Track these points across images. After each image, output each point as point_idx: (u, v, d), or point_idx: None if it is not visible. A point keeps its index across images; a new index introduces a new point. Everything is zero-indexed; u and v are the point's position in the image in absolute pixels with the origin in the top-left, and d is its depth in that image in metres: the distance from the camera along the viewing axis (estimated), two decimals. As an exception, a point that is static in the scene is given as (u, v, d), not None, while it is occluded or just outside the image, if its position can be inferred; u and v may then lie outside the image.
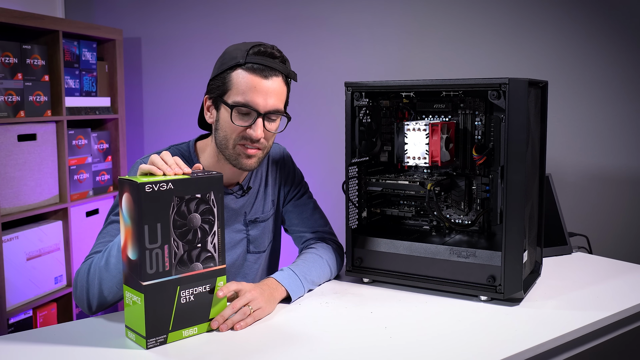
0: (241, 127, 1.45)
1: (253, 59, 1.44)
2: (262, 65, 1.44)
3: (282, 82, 1.48)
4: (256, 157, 1.50)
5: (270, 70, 1.45)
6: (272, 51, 1.47)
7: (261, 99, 1.44)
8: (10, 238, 2.31)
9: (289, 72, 1.50)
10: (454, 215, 1.68)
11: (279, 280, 1.45)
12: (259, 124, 1.45)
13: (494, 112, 1.59)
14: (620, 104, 2.39)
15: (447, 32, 2.62)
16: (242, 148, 1.47)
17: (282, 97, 1.49)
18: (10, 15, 2.29)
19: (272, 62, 1.45)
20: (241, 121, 1.46)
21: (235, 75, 1.45)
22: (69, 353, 1.19)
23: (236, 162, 1.49)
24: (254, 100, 1.44)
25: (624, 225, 2.41)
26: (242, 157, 1.48)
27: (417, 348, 1.22)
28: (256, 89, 1.43)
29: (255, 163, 1.50)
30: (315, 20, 2.83)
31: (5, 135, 2.30)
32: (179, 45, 3.07)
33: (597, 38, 2.39)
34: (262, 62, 1.44)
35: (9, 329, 2.31)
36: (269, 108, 1.45)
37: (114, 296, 1.35)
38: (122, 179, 1.20)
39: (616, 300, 1.49)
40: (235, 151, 1.48)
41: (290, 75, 1.50)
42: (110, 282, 1.32)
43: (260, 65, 1.44)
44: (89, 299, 1.35)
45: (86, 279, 1.35)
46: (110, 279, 1.32)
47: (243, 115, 1.46)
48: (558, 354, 1.30)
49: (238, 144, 1.47)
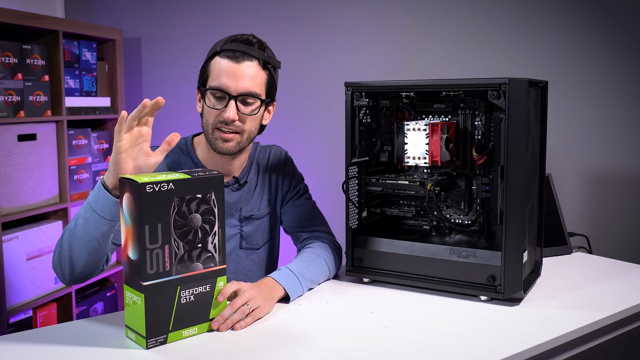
0: (216, 110, 1.52)
1: (228, 45, 1.52)
2: (237, 51, 1.50)
3: (258, 66, 1.52)
4: (233, 141, 1.54)
5: (244, 55, 1.51)
6: (248, 37, 1.54)
7: (232, 81, 1.50)
8: (10, 238, 2.31)
9: (267, 58, 1.54)
10: (454, 215, 1.68)
11: (276, 279, 1.45)
12: (231, 106, 1.50)
13: (494, 112, 1.59)
14: (620, 104, 2.39)
15: (447, 32, 2.62)
16: (219, 132, 1.53)
17: (257, 81, 1.53)
18: (10, 15, 2.29)
19: (246, 48, 1.51)
20: (216, 104, 1.52)
21: (212, 63, 1.53)
22: (69, 353, 1.19)
23: (215, 146, 1.55)
24: (226, 83, 1.50)
25: (624, 225, 2.41)
26: (219, 140, 1.54)
27: (417, 348, 1.22)
28: (227, 72, 1.50)
29: (232, 147, 1.54)
30: (315, 20, 2.83)
31: (5, 135, 2.30)
32: (179, 45, 3.07)
33: (597, 38, 2.39)
34: (236, 47, 1.51)
35: (9, 329, 2.31)
36: (241, 90, 1.50)
37: (85, 263, 1.36)
38: (123, 179, 1.20)
39: (616, 300, 1.49)
40: (213, 136, 1.54)
41: (269, 61, 1.54)
42: (79, 244, 1.34)
43: (235, 51, 1.50)
44: (61, 265, 1.38)
45: (59, 245, 1.38)
46: (78, 240, 1.34)
47: (218, 99, 1.52)
48: (558, 354, 1.30)
49: (216, 128, 1.53)
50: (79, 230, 1.34)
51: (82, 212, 1.34)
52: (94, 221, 1.32)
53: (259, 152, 1.72)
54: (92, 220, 1.32)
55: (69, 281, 1.41)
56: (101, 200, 1.30)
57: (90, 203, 1.32)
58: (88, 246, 1.34)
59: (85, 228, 1.33)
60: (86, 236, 1.33)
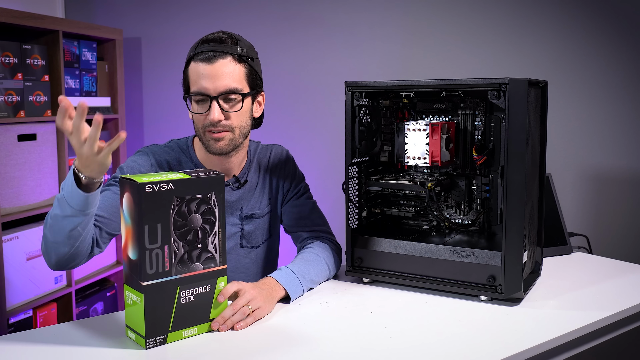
0: (202, 115, 1.53)
1: (200, 48, 1.52)
2: (209, 52, 1.50)
3: (233, 62, 1.52)
4: (225, 139, 1.54)
5: (216, 54, 1.50)
6: (218, 35, 1.53)
7: (210, 83, 1.50)
8: (10, 238, 2.31)
9: (242, 52, 1.53)
10: (454, 215, 1.68)
11: (277, 279, 1.45)
12: (214, 107, 1.51)
13: (494, 112, 1.59)
14: (620, 104, 2.39)
15: (447, 32, 2.62)
16: (210, 134, 1.54)
17: (235, 77, 1.52)
18: (10, 15, 2.29)
19: (218, 46, 1.51)
20: (200, 109, 1.53)
21: (190, 69, 1.54)
22: (69, 353, 1.19)
23: (209, 148, 1.56)
24: (204, 86, 1.50)
25: (624, 225, 2.41)
26: (211, 142, 1.54)
27: (417, 348, 1.22)
28: (204, 75, 1.50)
29: (225, 145, 1.55)
30: (315, 20, 2.83)
31: (5, 135, 2.30)
32: (179, 45, 3.05)
33: (597, 38, 2.39)
34: (207, 49, 1.51)
35: (9, 329, 2.31)
36: (220, 90, 1.50)
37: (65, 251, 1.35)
38: (123, 179, 1.20)
39: (616, 300, 1.49)
40: (206, 138, 1.55)
41: (243, 53, 1.54)
42: (57, 235, 1.33)
43: (207, 53, 1.50)
44: (48, 252, 1.38)
45: (44, 233, 1.38)
46: (56, 233, 1.33)
47: (201, 103, 1.53)
48: (558, 354, 1.30)
49: (206, 131, 1.54)
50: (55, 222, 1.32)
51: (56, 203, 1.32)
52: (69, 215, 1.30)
53: (259, 152, 1.72)
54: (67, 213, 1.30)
55: (53, 268, 1.41)
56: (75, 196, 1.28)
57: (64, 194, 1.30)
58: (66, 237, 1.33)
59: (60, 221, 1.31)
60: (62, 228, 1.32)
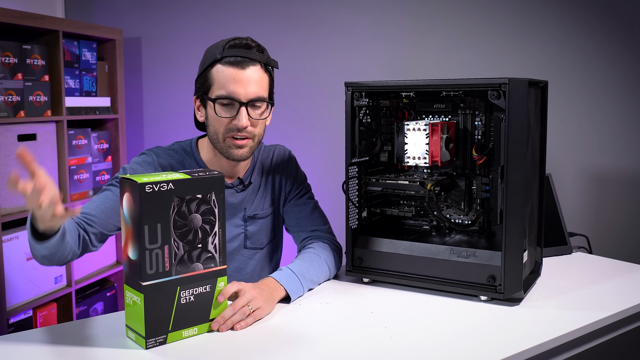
0: (227, 119, 1.51)
1: (229, 52, 1.50)
2: (239, 57, 1.50)
3: (261, 70, 1.53)
4: (247, 146, 1.54)
5: (247, 60, 1.50)
6: (247, 42, 1.53)
7: (241, 88, 1.49)
8: (10, 238, 2.31)
9: (267, 60, 1.54)
10: (454, 215, 1.68)
11: (277, 279, 1.45)
12: (243, 113, 1.50)
13: (494, 112, 1.59)
14: (621, 103, 2.39)
15: (447, 32, 2.62)
16: (231, 140, 1.53)
17: (263, 85, 1.53)
18: (10, 15, 2.29)
19: (248, 53, 1.51)
20: (226, 113, 1.51)
21: (215, 71, 1.51)
22: (69, 353, 1.19)
23: (228, 154, 1.54)
24: (235, 91, 1.49)
25: (624, 225, 2.41)
26: (233, 148, 1.53)
27: (417, 348, 1.22)
28: (235, 80, 1.49)
29: (246, 152, 1.55)
30: (315, 20, 2.83)
31: (5, 135, 2.30)
32: (179, 45, 3.07)
33: (597, 38, 2.39)
34: (237, 54, 1.50)
35: (9, 329, 2.31)
36: (250, 96, 1.50)
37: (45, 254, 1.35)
38: (123, 179, 1.20)
39: (616, 300, 1.49)
40: (225, 144, 1.53)
41: (269, 63, 1.55)
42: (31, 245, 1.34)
43: (237, 57, 1.50)
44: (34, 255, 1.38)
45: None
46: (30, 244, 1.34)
47: (227, 107, 1.51)
48: (558, 354, 1.30)
49: (227, 137, 1.53)
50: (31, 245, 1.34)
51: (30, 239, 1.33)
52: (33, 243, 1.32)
53: (262, 152, 1.72)
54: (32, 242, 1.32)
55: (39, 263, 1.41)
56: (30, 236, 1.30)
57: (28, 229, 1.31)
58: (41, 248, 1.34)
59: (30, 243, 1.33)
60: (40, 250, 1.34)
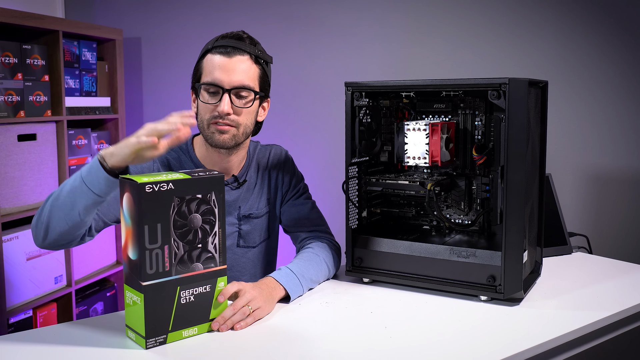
0: (211, 106, 1.53)
1: (220, 42, 1.54)
2: (228, 47, 1.53)
3: (249, 60, 1.55)
4: (229, 133, 1.55)
5: (235, 50, 1.53)
6: (238, 33, 1.57)
7: (225, 75, 1.52)
8: (10, 238, 2.31)
9: (258, 53, 1.56)
10: (454, 215, 1.68)
11: (277, 279, 1.45)
12: (225, 99, 1.52)
13: (494, 112, 1.59)
14: (621, 103, 2.39)
15: (447, 31, 2.62)
16: (215, 126, 1.54)
17: (250, 75, 1.55)
18: (10, 15, 2.28)
19: (237, 43, 1.54)
20: (211, 99, 1.54)
21: (204, 61, 1.56)
22: (69, 353, 1.19)
23: (211, 139, 1.55)
24: (219, 77, 1.52)
25: (624, 225, 2.41)
26: (216, 133, 1.54)
27: (417, 348, 1.22)
28: (220, 67, 1.52)
29: (228, 139, 1.55)
30: (315, 20, 2.83)
31: (5, 135, 2.30)
32: (179, 45, 3.07)
33: (597, 38, 2.39)
34: (226, 43, 1.53)
35: (9, 329, 2.31)
36: (234, 84, 1.52)
37: (61, 232, 1.36)
38: (123, 179, 1.20)
39: (616, 300, 1.49)
40: (210, 130, 1.55)
41: (260, 55, 1.57)
42: (59, 211, 1.34)
43: (226, 47, 1.53)
44: (37, 227, 1.39)
45: (42, 207, 1.39)
46: (59, 208, 1.34)
47: (211, 94, 1.54)
48: (558, 354, 1.30)
49: (211, 123, 1.54)
50: (63, 197, 1.34)
51: (71, 181, 1.34)
52: (80, 192, 1.31)
53: (259, 152, 1.72)
54: (79, 191, 1.31)
55: (41, 245, 1.41)
56: (93, 172, 1.30)
57: (81, 173, 1.32)
58: (68, 215, 1.34)
59: (70, 197, 1.32)
60: (68, 205, 1.33)
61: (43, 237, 1.39)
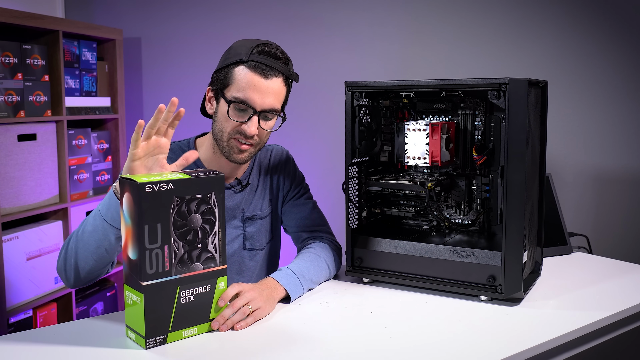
0: (237, 123, 1.50)
1: (256, 57, 1.48)
2: (264, 65, 1.48)
3: (282, 82, 1.51)
4: (248, 152, 1.54)
5: (271, 70, 1.48)
6: (276, 52, 1.51)
7: (259, 97, 1.48)
8: (10, 238, 2.31)
9: (290, 74, 1.53)
10: (454, 215, 1.68)
11: (277, 279, 1.45)
12: (254, 121, 1.49)
13: (494, 112, 1.59)
14: (621, 103, 2.39)
15: (447, 31, 2.62)
16: (236, 142, 1.52)
17: (280, 98, 1.53)
18: (10, 15, 2.29)
19: (274, 63, 1.49)
20: (238, 116, 1.50)
21: (237, 71, 1.49)
22: (69, 353, 1.19)
23: (228, 154, 1.54)
24: (252, 98, 1.48)
25: (624, 225, 2.41)
26: (235, 150, 1.53)
27: (417, 348, 1.22)
28: (255, 87, 1.47)
29: (246, 157, 1.55)
30: (315, 20, 2.83)
31: (5, 135, 2.30)
32: (179, 45, 3.07)
33: (597, 38, 2.39)
34: (264, 61, 1.48)
35: (9, 329, 2.31)
36: (265, 107, 1.49)
37: (91, 268, 1.37)
38: (123, 179, 1.20)
39: (616, 300, 1.49)
40: (229, 144, 1.53)
41: (291, 76, 1.54)
42: (86, 250, 1.34)
43: (262, 65, 1.48)
44: (66, 270, 1.39)
45: (65, 250, 1.38)
46: (85, 247, 1.34)
47: (240, 111, 1.50)
48: (558, 354, 1.30)
49: (232, 138, 1.52)
50: (87, 237, 1.34)
51: (91, 220, 1.35)
52: (102, 229, 1.32)
53: (260, 153, 1.72)
54: (101, 228, 1.32)
55: (73, 285, 1.42)
56: (112, 208, 1.30)
57: (100, 210, 1.33)
58: (95, 253, 1.35)
59: (94, 235, 1.33)
60: (94, 243, 1.34)
61: (75, 279, 1.39)
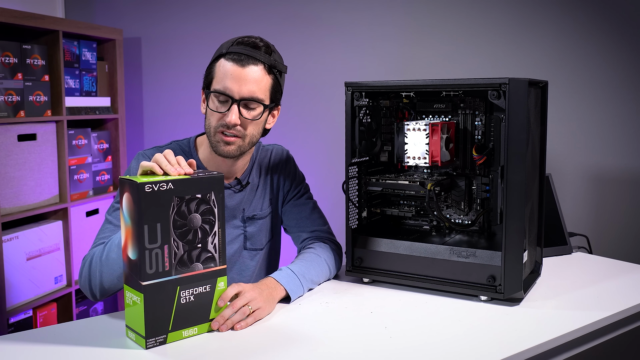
0: (219, 114, 1.51)
1: (234, 48, 1.50)
2: (242, 54, 1.49)
3: (263, 71, 1.51)
4: (235, 144, 1.53)
5: (249, 59, 1.49)
6: (255, 41, 1.52)
7: (236, 85, 1.48)
8: (10, 238, 2.31)
9: (273, 62, 1.52)
10: (454, 215, 1.68)
11: (277, 279, 1.45)
12: (234, 110, 1.49)
13: (494, 112, 1.59)
14: (621, 103, 2.39)
15: (447, 31, 2.62)
16: (221, 135, 1.52)
17: (261, 86, 1.51)
18: (10, 15, 2.29)
19: (252, 51, 1.49)
20: (219, 108, 1.51)
21: (217, 65, 1.51)
22: (69, 353, 1.19)
23: (216, 148, 1.54)
24: (229, 87, 1.48)
25: (624, 225, 2.41)
26: (221, 144, 1.53)
27: (417, 348, 1.22)
28: (232, 76, 1.48)
29: (234, 150, 1.54)
30: (315, 20, 2.83)
31: (5, 135, 2.30)
32: (179, 45, 3.07)
33: (597, 38, 2.39)
34: (241, 51, 1.49)
35: (9, 329, 2.31)
36: (244, 94, 1.49)
37: (115, 286, 1.42)
38: (123, 179, 1.20)
39: (616, 300, 1.49)
40: (215, 138, 1.53)
41: (276, 65, 1.53)
42: (111, 275, 1.40)
43: (239, 54, 1.49)
44: (91, 288, 1.43)
45: (88, 270, 1.43)
46: (111, 272, 1.39)
47: (221, 102, 1.51)
48: (558, 354, 1.30)
49: (217, 131, 1.52)
50: (112, 263, 1.38)
51: (115, 248, 1.37)
52: None
53: (260, 152, 1.71)
54: None
55: (99, 300, 1.47)
56: None
57: None
58: (121, 276, 1.37)
59: (119, 262, 1.37)
60: (119, 270, 1.38)
61: (101, 295, 1.44)
